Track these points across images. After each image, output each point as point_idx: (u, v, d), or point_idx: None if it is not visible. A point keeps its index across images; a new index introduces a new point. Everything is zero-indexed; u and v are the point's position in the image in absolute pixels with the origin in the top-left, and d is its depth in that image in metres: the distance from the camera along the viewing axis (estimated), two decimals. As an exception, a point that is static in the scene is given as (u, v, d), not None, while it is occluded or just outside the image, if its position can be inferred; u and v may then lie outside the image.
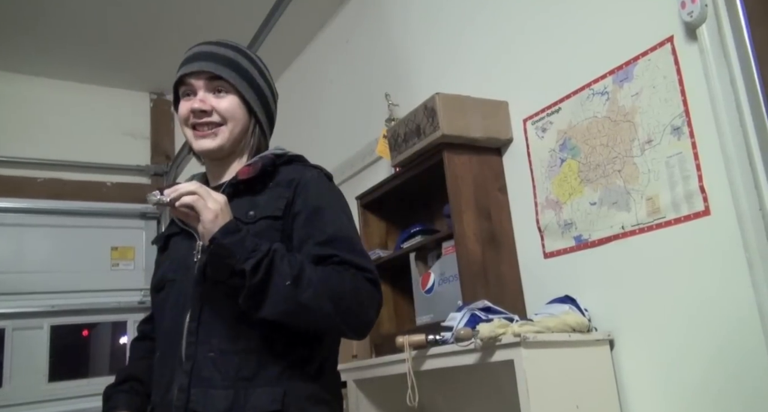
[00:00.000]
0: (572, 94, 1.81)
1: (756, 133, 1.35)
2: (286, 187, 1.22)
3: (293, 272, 1.06)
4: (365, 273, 1.13)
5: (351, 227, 1.21)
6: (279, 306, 1.06)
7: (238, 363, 1.11)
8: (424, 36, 2.50)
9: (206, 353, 1.12)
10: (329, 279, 1.09)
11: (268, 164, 1.24)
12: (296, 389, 1.11)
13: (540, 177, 1.91)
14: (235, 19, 3.07)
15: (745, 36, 1.38)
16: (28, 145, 3.47)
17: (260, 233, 1.15)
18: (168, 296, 1.23)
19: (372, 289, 1.13)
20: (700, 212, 1.46)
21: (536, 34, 1.95)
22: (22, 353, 3.20)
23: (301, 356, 1.15)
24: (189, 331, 1.15)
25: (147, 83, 3.81)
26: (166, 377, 1.16)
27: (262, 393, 1.09)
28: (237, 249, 1.05)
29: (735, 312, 1.38)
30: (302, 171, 1.25)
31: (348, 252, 1.14)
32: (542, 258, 1.88)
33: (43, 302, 3.30)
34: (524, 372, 1.46)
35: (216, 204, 1.08)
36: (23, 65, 3.47)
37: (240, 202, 1.20)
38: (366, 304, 1.12)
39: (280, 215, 1.18)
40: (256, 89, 1.29)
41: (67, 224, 3.48)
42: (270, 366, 1.11)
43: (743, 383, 1.36)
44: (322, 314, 1.07)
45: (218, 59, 1.26)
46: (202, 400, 1.09)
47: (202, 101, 1.24)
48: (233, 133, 1.25)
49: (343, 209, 1.23)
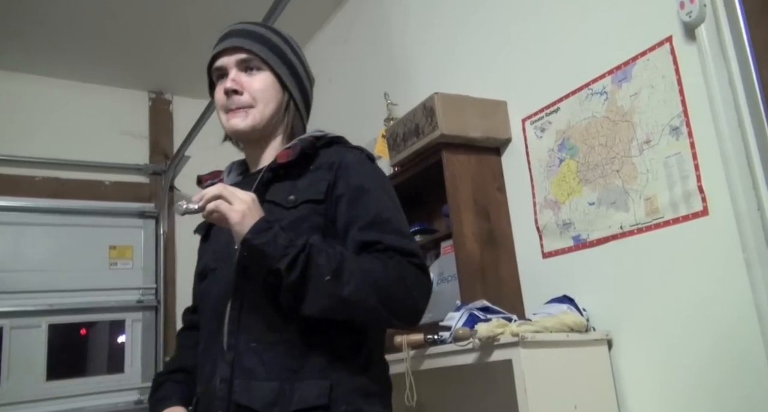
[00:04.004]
0: (571, 94, 1.81)
1: (754, 133, 1.35)
2: (327, 169, 1.17)
3: (332, 265, 1.02)
4: (411, 258, 1.08)
5: (394, 209, 1.15)
6: (320, 303, 1.02)
7: (282, 354, 1.07)
8: (422, 35, 2.50)
9: (248, 343, 1.09)
10: (372, 269, 1.04)
11: (307, 147, 1.19)
12: (343, 381, 1.07)
13: (539, 177, 1.91)
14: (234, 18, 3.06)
15: (744, 36, 1.38)
16: (26, 143, 3.46)
17: (302, 217, 1.12)
18: (210, 286, 1.20)
19: (419, 274, 1.08)
20: (698, 212, 1.46)
21: (535, 34, 1.95)
22: (20, 352, 3.19)
23: (347, 347, 1.10)
24: (230, 320, 1.12)
25: (145, 82, 3.80)
26: (208, 367, 1.14)
27: (309, 386, 1.05)
28: (269, 248, 1.01)
29: (733, 312, 1.38)
30: (343, 152, 1.20)
31: (392, 236, 1.09)
32: (541, 258, 1.88)
33: (42, 300, 3.30)
34: (522, 372, 1.46)
35: (242, 204, 1.04)
36: (21, 64, 3.46)
37: (280, 187, 1.17)
38: (414, 292, 1.06)
39: (322, 199, 1.14)
40: (289, 65, 1.25)
41: (65, 222, 3.47)
42: (315, 358, 1.07)
43: (741, 383, 1.36)
44: (368, 308, 1.03)
45: (247, 35, 1.23)
46: (245, 392, 1.06)
47: (233, 80, 1.20)
48: (265, 112, 1.21)
49: (385, 190, 1.18)
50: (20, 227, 3.37)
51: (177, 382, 1.26)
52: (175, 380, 1.27)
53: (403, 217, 1.16)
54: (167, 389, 1.25)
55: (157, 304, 3.56)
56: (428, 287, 1.11)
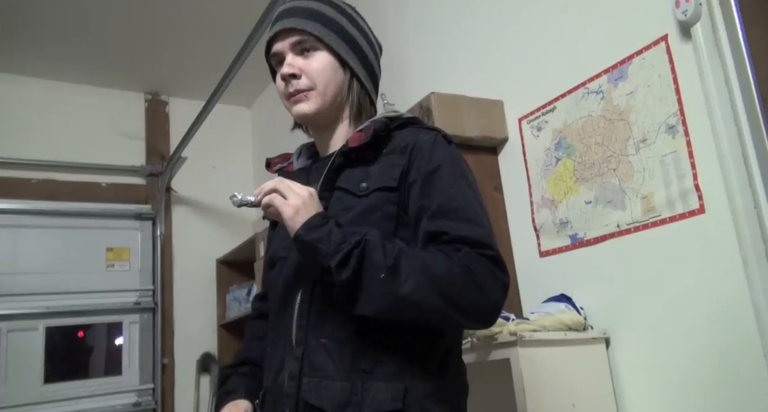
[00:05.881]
0: (567, 93, 1.81)
1: (750, 131, 1.35)
2: (400, 153, 1.09)
3: (388, 262, 0.94)
4: (482, 249, 0.98)
5: (467, 194, 1.05)
6: (375, 302, 0.95)
7: (353, 353, 1.00)
8: (418, 36, 2.50)
9: (318, 339, 1.03)
10: (434, 265, 0.95)
11: (380, 129, 1.11)
12: (417, 386, 1.00)
13: (535, 176, 1.91)
14: (230, 19, 3.06)
15: (740, 35, 1.38)
16: (22, 146, 3.46)
17: (374, 206, 1.06)
18: (280, 275, 1.15)
19: (491, 267, 0.98)
20: (695, 210, 1.46)
21: (531, 33, 1.96)
22: (17, 355, 3.19)
23: (422, 348, 1.03)
24: (300, 314, 1.06)
25: (141, 83, 3.80)
26: (276, 361, 1.09)
27: (382, 389, 0.98)
28: (322, 244, 0.96)
29: (730, 309, 1.38)
30: (417, 134, 1.12)
31: (461, 225, 1.00)
32: (538, 257, 1.89)
33: (39, 303, 3.29)
34: (520, 371, 1.46)
35: (297, 198, 1.00)
36: (17, 66, 3.46)
37: (352, 173, 1.11)
38: (485, 287, 0.96)
39: (395, 186, 1.06)
40: (348, 40, 1.17)
41: (62, 225, 3.47)
42: (388, 359, 1.00)
43: (737, 380, 1.36)
44: (429, 307, 0.95)
45: (299, 13, 1.15)
46: (315, 391, 1.00)
47: (290, 65, 1.14)
48: (326, 95, 1.14)
49: (460, 175, 1.08)
50: (16, 230, 3.36)
51: (244, 375, 1.22)
52: (242, 373, 1.22)
53: (480, 204, 1.07)
54: (234, 382, 1.21)
55: (155, 306, 3.55)
56: (504, 281, 1.00)
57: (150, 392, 3.42)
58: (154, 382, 3.45)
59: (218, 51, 3.13)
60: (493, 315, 1.00)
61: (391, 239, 1.01)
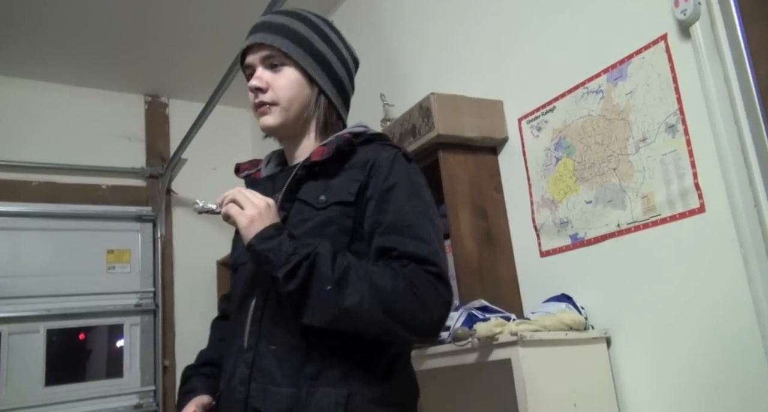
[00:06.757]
0: (567, 92, 1.81)
1: (750, 130, 1.35)
2: (360, 169, 1.13)
3: (336, 275, 0.98)
4: (427, 266, 1.02)
5: (420, 212, 1.09)
6: (321, 313, 0.99)
7: (301, 359, 1.04)
8: (417, 36, 2.50)
9: (268, 345, 1.07)
10: (380, 280, 0.99)
11: (343, 145, 1.14)
12: (362, 390, 1.03)
13: (535, 176, 1.91)
14: (229, 20, 3.06)
15: (739, 33, 1.38)
16: (22, 148, 3.45)
17: (331, 219, 1.09)
18: (239, 280, 1.19)
19: (435, 283, 1.01)
20: (695, 209, 1.46)
21: (530, 33, 1.96)
22: (18, 358, 3.18)
23: (368, 355, 1.06)
24: (252, 320, 1.10)
25: (141, 85, 3.79)
26: (230, 365, 1.12)
27: (326, 394, 1.01)
28: (273, 255, 1.00)
29: (730, 309, 1.38)
30: (379, 151, 1.15)
31: (409, 243, 1.03)
32: (538, 257, 1.88)
33: (39, 305, 3.29)
34: (521, 371, 1.46)
35: (253, 209, 1.04)
36: (16, 68, 3.46)
37: (313, 186, 1.14)
38: (427, 303, 1.00)
39: (353, 201, 1.10)
40: (316, 56, 1.19)
41: (62, 227, 3.46)
42: (334, 365, 1.04)
43: (739, 378, 1.36)
44: (372, 320, 0.98)
45: (270, 28, 1.19)
46: (261, 396, 1.04)
47: (258, 78, 1.18)
48: (290, 110, 1.18)
49: (415, 192, 1.11)
50: (17, 232, 3.36)
51: (205, 375, 1.25)
52: (203, 374, 1.26)
53: (432, 222, 1.09)
54: (194, 382, 1.24)
55: (156, 307, 3.55)
56: (446, 298, 1.03)
57: (151, 394, 3.42)
58: (155, 384, 3.44)
59: (218, 53, 3.13)
60: (433, 330, 1.04)
61: (342, 253, 1.04)
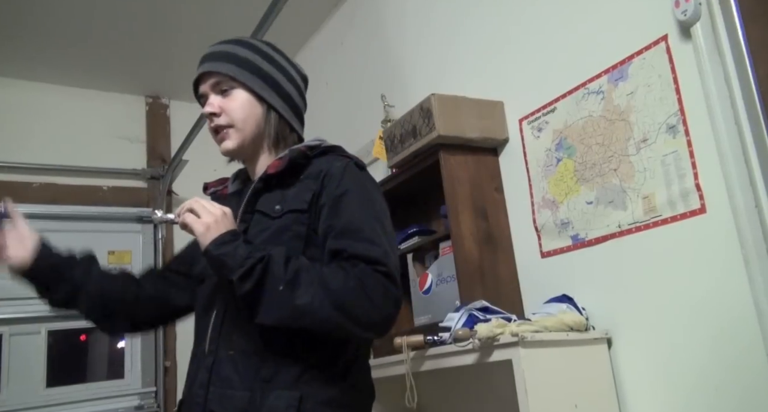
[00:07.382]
0: (567, 93, 1.81)
1: (751, 130, 1.35)
2: (314, 179, 1.20)
3: (288, 276, 1.04)
4: (376, 266, 1.07)
5: (370, 217, 1.15)
6: (274, 312, 1.05)
7: (258, 364, 1.10)
8: (418, 37, 2.50)
9: (227, 350, 1.13)
10: (330, 279, 1.05)
11: (297, 157, 1.22)
12: (314, 393, 1.08)
13: (536, 177, 1.91)
14: (230, 22, 3.06)
15: (739, 34, 1.38)
16: (23, 150, 3.46)
17: (285, 227, 1.15)
18: (203, 290, 1.25)
19: (384, 281, 1.07)
20: (696, 209, 1.46)
21: (531, 33, 1.96)
22: (19, 359, 3.18)
23: (322, 358, 1.12)
24: (213, 327, 1.17)
25: (142, 86, 3.80)
26: (192, 371, 1.19)
27: (278, 397, 1.07)
28: (228, 259, 1.06)
29: (732, 309, 1.38)
30: (332, 162, 1.22)
31: (357, 244, 1.09)
32: (539, 258, 1.88)
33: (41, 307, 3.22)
34: (522, 371, 1.46)
35: (210, 216, 1.09)
36: (17, 70, 3.46)
37: (271, 197, 1.21)
38: (376, 299, 1.05)
39: (306, 208, 1.17)
40: (262, 76, 1.26)
41: (63, 228, 3.46)
42: (289, 368, 1.09)
43: (740, 379, 1.36)
44: (324, 317, 1.03)
45: (215, 57, 1.27)
46: (219, 401, 1.10)
47: (210, 104, 1.25)
48: (245, 130, 1.24)
49: (365, 198, 1.18)
50: (18, 233, 3.36)
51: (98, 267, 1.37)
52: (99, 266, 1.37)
53: (381, 225, 1.15)
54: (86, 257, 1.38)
55: (156, 308, 3.55)
56: (395, 295, 1.08)
57: (152, 395, 3.42)
58: (156, 385, 3.44)
59: (218, 54, 3.14)
60: (384, 326, 1.09)
61: (296, 256, 1.09)
